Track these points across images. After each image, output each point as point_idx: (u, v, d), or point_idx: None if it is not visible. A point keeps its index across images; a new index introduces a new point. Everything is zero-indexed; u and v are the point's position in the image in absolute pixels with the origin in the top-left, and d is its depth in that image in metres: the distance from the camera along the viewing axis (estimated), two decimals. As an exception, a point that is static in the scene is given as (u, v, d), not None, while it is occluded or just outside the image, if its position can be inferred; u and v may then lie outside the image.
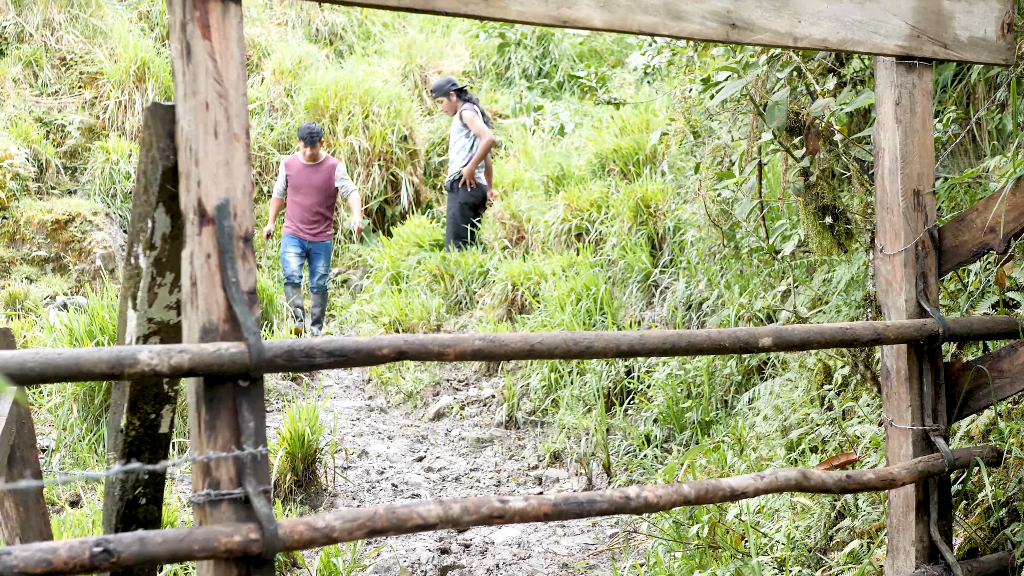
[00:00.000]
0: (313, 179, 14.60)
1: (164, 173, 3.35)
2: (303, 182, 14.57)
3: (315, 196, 14.61)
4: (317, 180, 14.61)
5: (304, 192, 14.57)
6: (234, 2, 3.36)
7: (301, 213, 14.62)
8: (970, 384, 4.75)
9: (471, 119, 15.33)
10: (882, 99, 4.78)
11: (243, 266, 3.31)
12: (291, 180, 14.62)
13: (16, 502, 5.16)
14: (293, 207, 14.69)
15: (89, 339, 10.53)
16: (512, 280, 13.06)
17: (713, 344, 4.13)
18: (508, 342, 3.70)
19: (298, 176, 14.61)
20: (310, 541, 3.26)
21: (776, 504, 6.78)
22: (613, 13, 4.01)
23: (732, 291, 9.13)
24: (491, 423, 11.57)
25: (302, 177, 14.59)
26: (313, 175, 14.61)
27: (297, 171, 14.62)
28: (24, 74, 16.61)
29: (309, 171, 14.60)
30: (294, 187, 14.59)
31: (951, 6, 4.76)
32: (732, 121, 8.63)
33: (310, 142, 14.38)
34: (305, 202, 14.59)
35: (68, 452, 9.67)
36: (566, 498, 3.65)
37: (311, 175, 14.60)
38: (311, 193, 14.57)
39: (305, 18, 20.20)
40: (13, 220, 14.69)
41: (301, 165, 14.63)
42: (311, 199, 14.59)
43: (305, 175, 14.59)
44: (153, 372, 3.12)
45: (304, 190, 14.56)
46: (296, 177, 14.61)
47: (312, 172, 14.61)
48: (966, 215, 4.73)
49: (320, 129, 14.59)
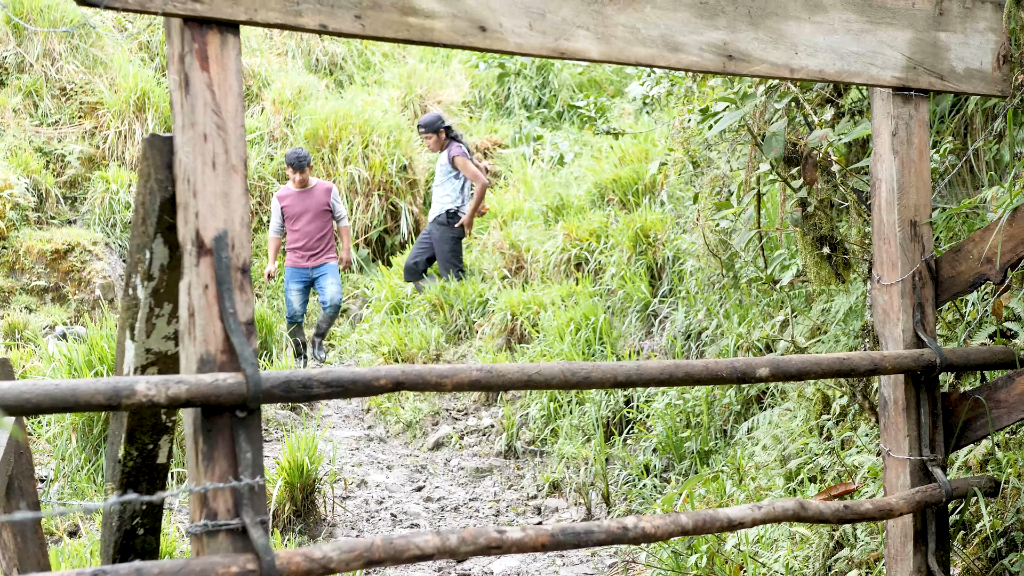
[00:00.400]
0: (308, 204, 14.37)
1: (162, 204, 3.37)
2: (298, 210, 14.34)
3: (313, 220, 14.38)
4: (312, 204, 14.38)
5: (302, 219, 14.32)
6: (232, 34, 3.38)
7: (302, 241, 14.36)
8: (967, 414, 4.75)
9: (464, 164, 15.13)
10: (879, 130, 4.79)
11: (241, 297, 3.32)
12: (286, 211, 14.36)
13: (14, 532, 5.15)
14: (293, 238, 14.42)
15: (88, 369, 10.53)
16: (511, 310, 13.07)
17: (710, 374, 4.14)
18: (505, 373, 3.71)
19: (292, 205, 14.36)
20: (307, 572, 3.26)
21: (775, 534, 6.77)
22: (610, 45, 4.03)
23: (731, 321, 9.14)
24: (490, 453, 11.56)
25: (297, 205, 14.36)
26: (307, 200, 14.38)
27: (291, 200, 14.39)
28: (24, 104, 16.65)
29: (302, 197, 14.38)
30: (291, 217, 14.35)
31: (947, 38, 4.78)
32: (731, 151, 8.66)
33: (298, 167, 14.18)
34: (305, 228, 14.34)
35: (67, 482, 9.66)
36: (563, 529, 3.65)
37: (305, 201, 14.38)
38: (308, 218, 14.33)
39: (305, 48, 20.26)
40: (13, 250, 14.70)
41: (294, 194, 14.41)
42: (310, 224, 14.35)
43: (299, 202, 14.36)
44: (151, 403, 3.12)
45: (301, 217, 14.32)
46: (291, 206, 14.36)
47: (306, 197, 14.39)
48: (963, 245, 4.74)
49: (307, 154, 14.39)
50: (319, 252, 14.43)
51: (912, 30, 4.68)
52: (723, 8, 4.27)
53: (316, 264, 14.44)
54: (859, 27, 4.55)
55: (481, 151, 18.29)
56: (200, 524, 3.23)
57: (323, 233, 14.46)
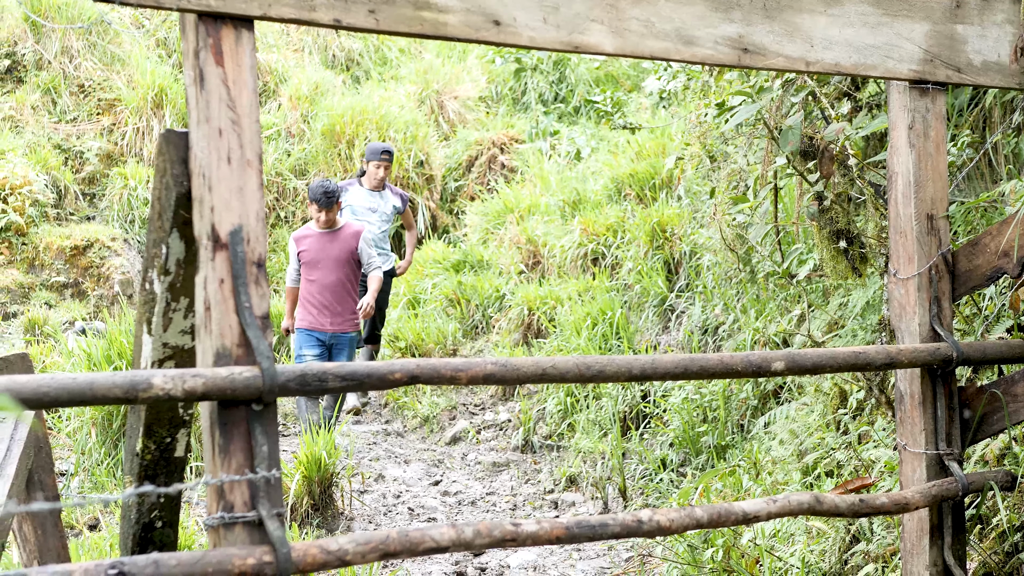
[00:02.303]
0: (331, 250, 11.25)
1: (178, 199, 3.38)
2: (318, 255, 11.23)
3: (335, 271, 11.25)
4: (336, 251, 11.27)
5: (321, 268, 11.23)
6: (247, 29, 3.39)
7: (319, 296, 11.24)
8: (984, 408, 4.75)
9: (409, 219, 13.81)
10: (896, 123, 4.78)
11: (256, 291, 3.33)
12: (304, 256, 11.26)
13: (34, 525, 5.18)
14: (308, 290, 11.30)
15: (107, 364, 10.56)
16: (528, 305, 13.07)
17: (725, 368, 4.14)
18: (520, 366, 3.71)
19: (312, 248, 11.25)
20: (323, 564, 3.27)
21: (791, 528, 6.77)
22: (624, 39, 4.03)
23: (748, 315, 9.13)
24: (507, 447, 11.57)
25: (317, 249, 11.24)
26: (330, 245, 11.25)
27: (310, 243, 11.27)
28: (43, 101, 16.70)
29: (325, 240, 11.26)
30: (308, 264, 11.24)
31: (964, 30, 4.77)
32: (747, 145, 8.65)
33: (325, 204, 11.14)
34: (324, 280, 11.21)
35: (87, 476, 9.70)
36: (579, 522, 3.66)
37: (328, 245, 11.25)
38: (330, 268, 11.24)
39: (322, 44, 20.26)
40: (32, 246, 14.74)
41: (315, 235, 11.30)
42: (331, 275, 11.23)
43: (320, 246, 11.23)
44: (167, 396, 3.14)
45: (321, 265, 11.22)
46: (310, 250, 11.25)
47: (329, 241, 11.26)
48: (980, 239, 4.72)
49: (336, 188, 11.32)
50: (340, 316, 11.35)
51: (929, 23, 4.67)
52: (738, 1, 4.27)
53: (337, 330, 11.36)
54: (875, 20, 4.54)
55: (498, 146, 18.27)
56: (217, 516, 3.25)
57: (347, 289, 11.39)
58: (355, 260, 11.36)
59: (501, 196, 16.16)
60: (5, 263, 14.50)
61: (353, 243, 11.34)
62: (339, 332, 11.30)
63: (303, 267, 11.26)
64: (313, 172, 17.54)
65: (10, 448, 4.82)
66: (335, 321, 11.26)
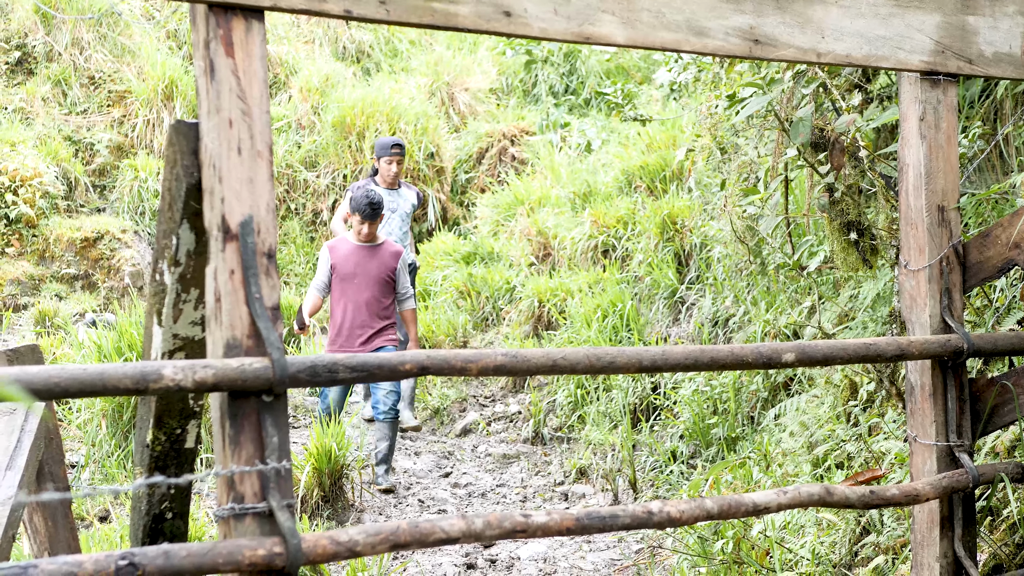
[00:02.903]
0: (368, 266, 10.27)
1: (188, 190, 3.38)
2: (355, 269, 10.24)
3: (370, 288, 10.26)
4: (374, 268, 10.29)
5: (356, 284, 10.25)
6: (257, 20, 3.39)
7: (352, 315, 10.22)
8: (995, 400, 4.73)
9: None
10: (906, 115, 4.77)
11: (267, 282, 3.33)
12: (337, 269, 10.29)
13: (45, 516, 5.19)
14: (339, 309, 10.32)
15: (118, 356, 10.58)
16: (538, 297, 13.08)
17: (736, 359, 4.13)
18: (530, 358, 3.71)
19: (347, 261, 10.26)
20: (333, 555, 3.27)
21: (801, 520, 6.77)
22: (635, 30, 4.02)
23: (758, 307, 9.13)
24: (517, 439, 11.58)
25: (354, 263, 10.25)
26: (368, 261, 10.28)
27: (345, 256, 10.28)
28: (53, 93, 16.73)
29: (363, 255, 10.29)
30: (341, 278, 10.26)
31: (976, 22, 4.76)
32: (758, 137, 8.64)
33: (370, 217, 10.20)
34: (357, 297, 10.23)
35: (97, 468, 9.72)
36: (589, 513, 3.65)
37: (365, 260, 10.27)
38: (365, 285, 10.26)
39: (332, 36, 20.27)
40: (43, 238, 14.78)
41: (352, 248, 10.31)
42: (365, 292, 10.26)
43: (356, 260, 10.25)
44: (177, 387, 3.14)
45: (356, 281, 10.24)
46: (344, 263, 10.26)
47: (367, 256, 10.29)
48: (991, 231, 4.71)
49: (382, 200, 10.32)
50: (374, 337, 10.28)
51: (940, 13, 4.65)
52: (749, -8, 4.26)
53: (369, 350, 10.02)
54: (887, 11, 4.52)
55: (508, 138, 18.28)
56: (227, 507, 3.25)
57: (381, 308, 10.35)
58: (391, 280, 10.37)
59: (512, 188, 16.16)
60: (16, 255, 14.53)
61: (392, 263, 10.38)
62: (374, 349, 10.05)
63: (335, 280, 10.29)
64: (323, 164, 17.55)
65: (20, 440, 4.82)
66: (367, 341, 10.20)
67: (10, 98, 16.28)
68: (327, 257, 10.38)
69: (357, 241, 10.36)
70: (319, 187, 17.47)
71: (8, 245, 14.57)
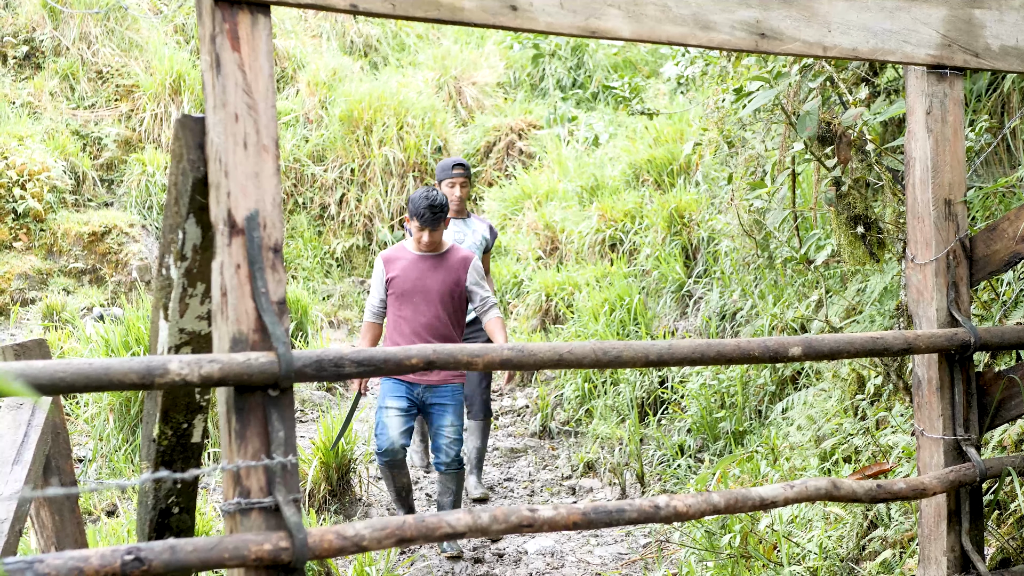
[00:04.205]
0: (431, 280, 8.53)
1: (194, 184, 3.38)
2: (415, 284, 8.52)
3: (434, 306, 8.52)
4: (438, 282, 8.54)
5: (416, 301, 8.51)
6: (263, 14, 3.39)
7: (411, 338, 8.51)
8: (1002, 394, 4.73)
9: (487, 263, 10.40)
10: (913, 108, 4.76)
11: (273, 276, 3.33)
12: (394, 285, 8.54)
13: (52, 511, 5.20)
14: (397, 329, 8.58)
15: (125, 350, 10.60)
16: (546, 291, 13.07)
17: (742, 353, 4.13)
18: (537, 352, 3.71)
19: (406, 275, 8.52)
20: (339, 549, 3.28)
21: (809, 514, 6.77)
22: (641, 24, 4.02)
23: (766, 301, 9.12)
24: (525, 433, 11.58)
25: (414, 277, 8.52)
26: (431, 274, 8.54)
27: (404, 269, 8.54)
28: (61, 87, 16.72)
29: (425, 267, 8.55)
30: (399, 295, 8.54)
31: (982, 15, 4.75)
32: (765, 131, 8.64)
33: (431, 222, 8.41)
34: (420, 318, 8.51)
35: (104, 462, 9.73)
36: (595, 507, 3.65)
37: (428, 273, 8.54)
38: (428, 302, 8.51)
39: (340, 30, 20.25)
40: (50, 232, 14.78)
41: (413, 259, 8.57)
42: (428, 312, 8.52)
43: (418, 273, 8.53)
44: (183, 382, 3.14)
45: (416, 298, 8.51)
46: (403, 278, 8.52)
47: (430, 268, 8.55)
48: (998, 224, 4.70)
49: (445, 201, 8.51)
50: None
51: (946, 7, 4.65)
52: (755, -14, 4.26)
53: (435, 382, 8.61)
54: (893, 4, 4.52)
55: (516, 132, 18.26)
56: (233, 502, 3.25)
57: (449, 328, 8.62)
58: (461, 295, 8.64)
59: (519, 182, 16.14)
60: (23, 249, 14.54)
61: (461, 273, 8.58)
62: (436, 384, 8.57)
63: (391, 298, 8.56)
64: (331, 158, 17.53)
65: (27, 434, 4.84)
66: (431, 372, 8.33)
67: (18, 92, 16.28)
68: (381, 271, 8.61)
69: (417, 251, 8.59)
70: (326, 181, 17.46)
71: (16, 239, 14.57)
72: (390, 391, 8.52)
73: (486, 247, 10.18)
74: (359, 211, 17.24)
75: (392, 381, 8.55)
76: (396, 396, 8.49)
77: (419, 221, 8.39)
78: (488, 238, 10.20)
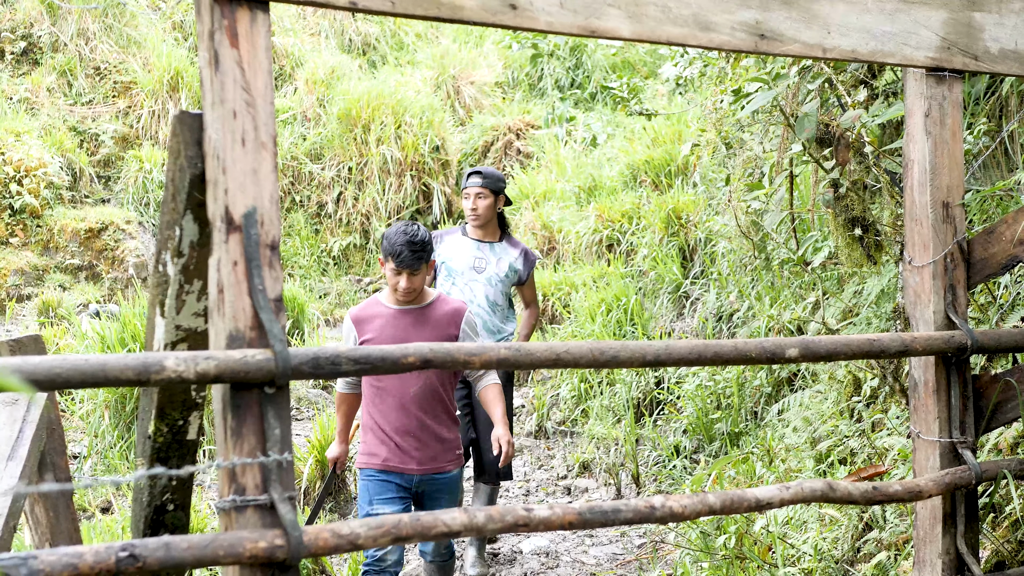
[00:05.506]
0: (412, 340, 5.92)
1: (192, 181, 3.37)
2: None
3: (422, 375, 6.60)
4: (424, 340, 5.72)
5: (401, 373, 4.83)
6: (262, 11, 3.38)
7: (396, 415, 6.60)
8: (998, 397, 4.73)
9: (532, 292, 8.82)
10: (912, 111, 4.76)
11: (270, 274, 3.33)
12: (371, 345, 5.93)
13: (46, 507, 5.19)
14: (377, 408, 6.66)
15: (121, 347, 10.59)
16: (543, 291, 13.07)
17: (740, 354, 4.12)
18: (534, 351, 3.70)
19: (383, 337, 6.54)
20: (335, 548, 3.27)
21: (804, 516, 6.77)
22: (642, 24, 4.01)
23: (763, 302, 9.12)
24: (521, 433, 11.57)
25: (390, 337, 6.50)
26: (414, 332, 6.55)
27: (381, 327, 6.59)
28: (58, 83, 16.71)
29: (405, 323, 6.61)
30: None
31: (982, 18, 4.74)
32: (763, 132, 8.63)
33: (409, 264, 6.43)
34: (403, 389, 6.59)
35: (99, 459, 9.73)
36: (591, 507, 3.65)
37: (411, 332, 6.55)
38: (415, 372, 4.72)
39: (338, 28, 20.25)
40: (47, 228, 14.77)
41: (390, 313, 6.63)
42: (414, 382, 6.59)
43: (395, 332, 6.55)
44: (179, 378, 3.13)
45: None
46: (380, 340, 6.52)
47: (412, 325, 6.61)
48: (996, 227, 4.70)
49: (428, 237, 6.49)
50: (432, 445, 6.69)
51: (946, 10, 4.64)
52: (755, -13, 4.25)
53: (431, 469, 6.68)
54: (892, 6, 4.51)
55: (514, 132, 18.26)
56: (228, 499, 3.24)
57: (441, 402, 6.73)
58: None
59: (517, 182, 16.14)
60: (20, 245, 14.53)
61: (451, 330, 6.67)
62: (434, 473, 6.69)
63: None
64: (328, 156, 17.53)
65: (22, 430, 4.83)
66: (425, 456, 6.64)
67: (15, 88, 16.27)
68: (352, 332, 6.67)
69: (393, 304, 6.67)
70: (324, 179, 17.45)
71: (12, 235, 14.56)
72: (377, 492, 6.61)
73: (518, 280, 8.53)
74: (356, 209, 17.25)
75: (380, 479, 6.63)
76: (385, 498, 6.60)
77: (394, 261, 6.43)
78: (521, 269, 8.50)
